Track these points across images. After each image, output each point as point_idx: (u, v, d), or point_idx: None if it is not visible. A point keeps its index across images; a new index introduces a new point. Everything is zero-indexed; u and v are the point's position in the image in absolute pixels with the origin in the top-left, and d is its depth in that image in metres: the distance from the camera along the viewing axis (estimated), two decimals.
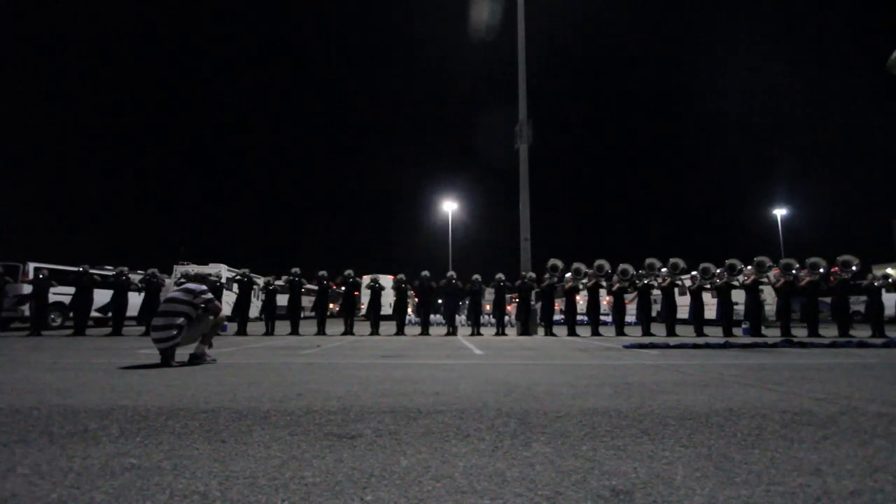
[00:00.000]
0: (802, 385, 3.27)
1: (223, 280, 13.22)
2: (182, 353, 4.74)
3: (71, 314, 11.49)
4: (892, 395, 2.87)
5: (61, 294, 12.92)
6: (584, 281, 11.58)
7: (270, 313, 11.72)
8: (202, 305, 4.72)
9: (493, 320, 14.01)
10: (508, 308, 14.84)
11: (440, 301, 15.91)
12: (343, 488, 1.31)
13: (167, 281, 13.30)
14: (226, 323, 11.50)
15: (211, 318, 4.77)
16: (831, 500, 1.22)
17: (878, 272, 13.12)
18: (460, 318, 16.10)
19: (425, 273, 11.95)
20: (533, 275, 12.12)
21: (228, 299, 14.21)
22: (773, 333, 10.62)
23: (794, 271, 11.00)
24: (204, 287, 4.87)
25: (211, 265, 20.46)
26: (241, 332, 10.93)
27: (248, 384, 3.28)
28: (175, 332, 4.46)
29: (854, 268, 10.94)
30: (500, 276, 11.96)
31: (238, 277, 11.86)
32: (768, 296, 14.01)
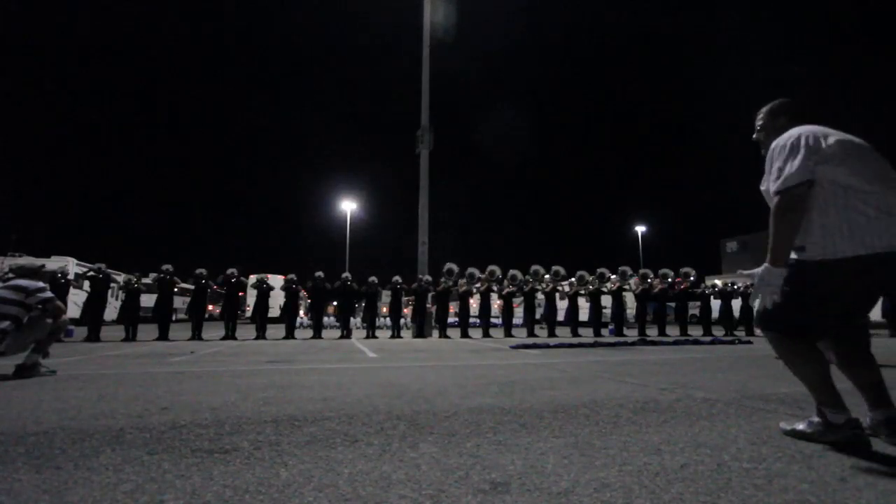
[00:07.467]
0: (651, 378, 3.82)
1: (70, 276, 11.18)
2: (7, 365, 3.89)
3: None
4: (714, 383, 3.50)
5: None
6: (478, 285, 12.14)
7: (131, 316, 10.19)
8: (38, 306, 3.94)
9: (388, 323, 13.95)
10: (405, 311, 14.89)
11: (335, 303, 15.37)
12: None
13: None
14: (71, 327, 9.73)
15: (49, 321, 4.00)
16: (666, 473, 1.45)
17: (709, 283, 15.98)
18: (355, 321, 15.72)
19: (319, 273, 11.48)
20: (429, 278, 12.35)
21: (77, 299, 12.14)
22: (631, 333, 12.22)
23: (649, 280, 12.85)
24: (41, 284, 4.07)
25: (54, 258, 17.32)
26: (93, 338, 9.34)
27: (98, 398, 2.81)
28: None
29: (692, 278, 13.17)
30: (397, 278, 11.98)
31: (91, 274, 10.13)
32: (628, 300, 16.12)
